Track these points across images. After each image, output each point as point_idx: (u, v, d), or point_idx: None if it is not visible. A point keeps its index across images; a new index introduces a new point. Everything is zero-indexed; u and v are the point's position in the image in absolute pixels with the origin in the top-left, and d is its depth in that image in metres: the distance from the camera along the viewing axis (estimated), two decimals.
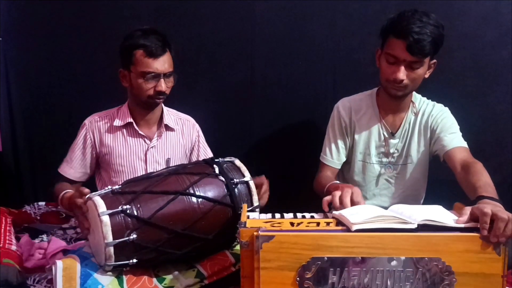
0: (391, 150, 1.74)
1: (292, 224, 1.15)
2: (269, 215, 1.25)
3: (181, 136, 1.82)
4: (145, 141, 1.75)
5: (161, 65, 1.63)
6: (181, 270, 1.31)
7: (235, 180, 1.35)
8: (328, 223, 1.16)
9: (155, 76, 1.63)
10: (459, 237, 1.07)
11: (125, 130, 1.74)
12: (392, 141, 1.74)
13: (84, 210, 1.29)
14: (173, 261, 1.33)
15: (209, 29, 2.13)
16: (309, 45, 2.13)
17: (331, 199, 1.32)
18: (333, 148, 1.77)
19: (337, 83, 2.14)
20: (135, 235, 1.21)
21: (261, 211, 1.33)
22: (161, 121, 1.77)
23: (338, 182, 1.63)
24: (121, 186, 1.30)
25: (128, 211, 1.22)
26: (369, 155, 1.76)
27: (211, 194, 1.32)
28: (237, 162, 1.43)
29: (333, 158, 1.78)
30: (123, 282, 1.23)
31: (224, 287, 1.30)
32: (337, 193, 1.32)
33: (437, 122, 1.69)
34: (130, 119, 1.73)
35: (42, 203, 2.00)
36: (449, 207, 1.23)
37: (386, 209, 1.23)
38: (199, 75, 2.17)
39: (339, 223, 1.16)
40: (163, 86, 1.64)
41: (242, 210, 1.26)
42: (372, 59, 1.70)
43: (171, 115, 1.82)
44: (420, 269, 1.06)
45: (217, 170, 1.37)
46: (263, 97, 2.17)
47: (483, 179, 1.38)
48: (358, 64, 2.10)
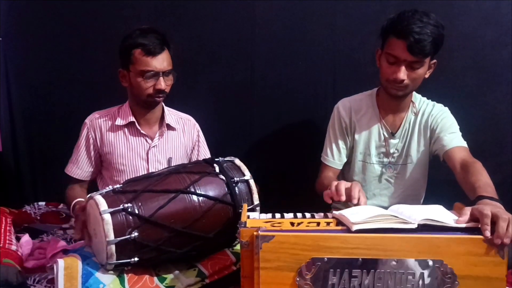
0: (391, 150, 1.74)
1: (292, 224, 1.15)
2: (269, 215, 1.25)
3: (182, 135, 1.82)
4: (146, 141, 1.75)
5: (160, 63, 1.63)
6: (182, 269, 1.31)
7: (236, 179, 1.35)
8: (328, 223, 1.16)
9: (154, 74, 1.63)
10: (462, 239, 1.06)
11: (126, 129, 1.74)
12: (392, 141, 1.74)
13: (81, 219, 1.36)
14: (174, 260, 1.33)
15: (209, 29, 2.13)
16: (309, 45, 2.12)
17: (330, 191, 1.37)
18: (334, 148, 1.77)
19: (337, 83, 2.13)
20: (137, 233, 1.21)
21: (261, 211, 1.33)
22: (163, 121, 1.77)
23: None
24: (122, 185, 1.31)
25: (129, 210, 1.22)
26: (369, 155, 1.76)
27: (211, 192, 1.32)
28: (237, 161, 1.43)
29: (334, 158, 1.78)
30: (124, 281, 1.23)
31: (225, 286, 1.30)
32: (334, 182, 1.39)
33: (437, 122, 1.69)
34: (132, 118, 1.73)
35: (42, 203, 1.99)
36: (449, 207, 1.23)
37: (386, 209, 1.23)
38: (199, 75, 2.16)
39: (339, 223, 1.16)
40: (162, 84, 1.64)
41: (242, 208, 1.27)
42: (372, 59, 1.70)
43: (172, 115, 1.82)
44: (421, 271, 1.05)
45: (218, 169, 1.37)
46: (263, 97, 2.17)
47: (483, 179, 1.37)
48: (358, 64, 2.10)
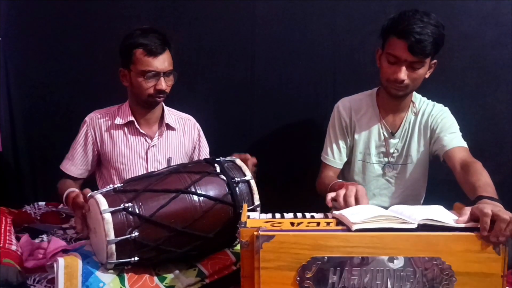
0: (391, 150, 1.74)
1: (292, 224, 1.15)
2: (269, 215, 1.25)
3: (182, 135, 1.82)
4: (146, 140, 1.75)
5: (161, 64, 1.63)
6: (182, 269, 1.31)
7: (236, 179, 1.35)
8: (328, 223, 1.16)
9: (155, 74, 1.63)
10: (459, 236, 1.07)
11: (126, 128, 1.74)
12: (392, 141, 1.74)
13: (86, 209, 1.30)
14: (174, 260, 1.33)
15: (209, 29, 2.13)
16: (309, 45, 2.13)
17: (334, 196, 1.33)
18: (334, 148, 1.77)
19: (337, 83, 2.14)
20: (137, 233, 1.21)
21: (261, 211, 1.33)
22: (162, 120, 1.78)
23: (341, 180, 1.64)
24: (122, 184, 1.31)
25: (129, 209, 1.22)
26: (369, 155, 1.76)
27: (212, 192, 1.32)
28: (238, 161, 1.43)
29: (334, 158, 1.78)
30: (124, 280, 1.23)
31: (225, 286, 1.30)
32: (341, 192, 1.31)
33: (437, 122, 1.69)
34: (131, 117, 1.73)
35: (42, 203, 1.99)
36: (449, 207, 1.23)
37: (386, 209, 1.23)
38: (199, 75, 2.16)
39: (339, 223, 1.16)
40: (163, 84, 1.64)
41: (243, 209, 1.26)
42: (372, 59, 1.70)
43: (172, 115, 1.82)
44: (420, 269, 1.06)
45: (218, 169, 1.37)
46: (263, 97, 2.17)
47: (483, 179, 1.38)
48: (358, 64, 2.10)
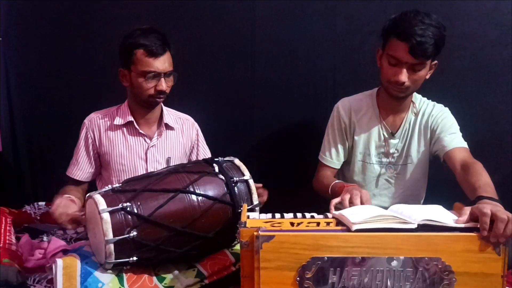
0: (391, 150, 1.74)
1: (292, 224, 1.15)
2: (269, 215, 1.24)
3: (181, 135, 1.82)
4: (145, 140, 1.75)
5: (162, 65, 1.63)
6: (181, 269, 1.31)
7: (235, 178, 1.35)
8: (328, 223, 1.16)
9: (155, 75, 1.63)
10: (459, 237, 1.07)
11: (125, 129, 1.74)
12: (392, 141, 1.73)
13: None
14: (173, 260, 1.33)
15: (209, 29, 2.13)
16: (309, 45, 2.13)
17: (339, 201, 1.35)
18: (332, 148, 1.77)
19: (337, 83, 2.14)
20: (135, 233, 1.21)
21: (261, 211, 1.33)
22: (161, 120, 1.78)
23: (341, 181, 1.65)
24: (121, 184, 1.31)
25: (128, 209, 1.23)
26: (369, 155, 1.75)
27: (211, 192, 1.32)
28: (237, 161, 1.43)
29: (332, 158, 1.78)
30: (123, 280, 1.23)
31: (224, 286, 1.30)
32: (346, 197, 1.34)
33: (437, 122, 1.69)
34: (130, 118, 1.73)
35: (42, 203, 1.99)
36: (449, 207, 1.23)
37: (386, 209, 1.23)
38: (199, 75, 2.16)
39: (339, 223, 1.16)
40: (163, 85, 1.64)
41: (242, 208, 1.27)
42: (372, 59, 1.70)
43: (170, 115, 1.82)
44: (420, 269, 1.06)
45: (217, 169, 1.37)
46: (263, 97, 2.17)
47: (483, 179, 1.38)
48: (358, 64, 2.10)
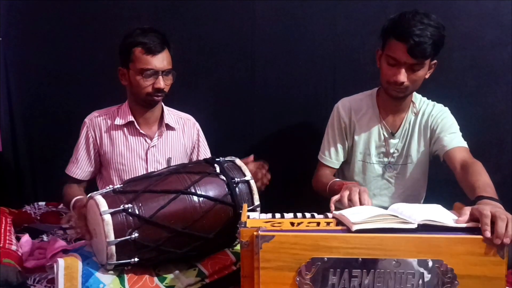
0: (391, 150, 1.74)
1: (292, 224, 1.14)
2: (269, 215, 1.24)
3: (181, 135, 1.82)
4: (145, 140, 1.75)
5: (160, 62, 1.63)
6: (182, 269, 1.31)
7: (236, 179, 1.35)
8: (328, 223, 1.16)
9: (153, 73, 1.63)
10: (462, 239, 1.06)
11: (126, 129, 1.74)
12: (392, 141, 1.74)
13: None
14: (174, 260, 1.33)
15: (209, 29, 2.13)
16: (309, 45, 2.13)
17: (338, 198, 1.35)
18: (331, 148, 1.78)
19: (337, 83, 2.14)
20: (137, 234, 1.21)
21: (261, 211, 1.33)
22: (162, 121, 1.77)
23: (340, 179, 1.65)
24: (122, 185, 1.31)
25: (129, 210, 1.22)
26: (369, 155, 1.75)
27: (212, 193, 1.32)
28: (238, 161, 1.42)
29: (331, 158, 1.78)
30: (124, 281, 1.23)
31: (225, 286, 1.30)
32: (345, 193, 1.34)
33: (437, 122, 1.69)
34: (131, 117, 1.73)
35: (42, 203, 2.00)
36: (449, 207, 1.23)
37: (386, 209, 1.23)
38: (199, 75, 2.16)
39: (339, 223, 1.16)
40: (161, 83, 1.64)
41: (243, 209, 1.26)
42: (372, 59, 1.70)
43: (171, 115, 1.82)
44: (421, 271, 1.05)
45: (218, 169, 1.36)
46: (263, 97, 2.17)
47: (483, 179, 1.37)
48: (358, 64, 2.10)
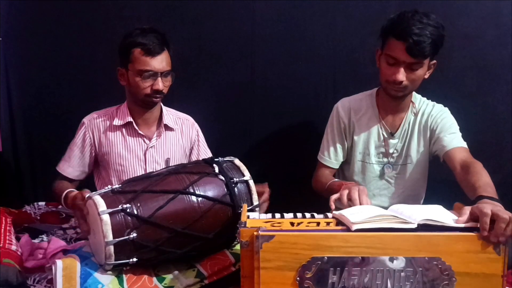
0: (391, 150, 1.74)
1: (292, 224, 1.15)
2: (269, 215, 1.24)
3: (180, 135, 1.82)
4: (144, 141, 1.75)
5: (159, 64, 1.63)
6: (181, 269, 1.31)
7: (235, 179, 1.35)
8: (328, 223, 1.16)
9: (152, 74, 1.62)
10: (459, 237, 1.07)
11: (124, 129, 1.74)
12: (391, 141, 1.73)
13: (84, 212, 1.30)
14: (173, 260, 1.33)
15: (209, 29, 2.13)
16: (309, 45, 2.13)
17: (338, 197, 1.35)
18: (331, 148, 1.78)
19: (337, 83, 2.14)
20: (135, 234, 1.21)
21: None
22: (161, 121, 1.77)
23: (339, 180, 1.66)
24: (121, 185, 1.31)
25: (128, 210, 1.22)
26: (369, 155, 1.75)
27: (211, 193, 1.32)
28: (237, 161, 1.43)
29: (331, 158, 1.78)
30: (123, 281, 1.23)
31: (224, 287, 1.30)
32: (344, 192, 1.35)
33: (437, 122, 1.69)
34: (129, 118, 1.72)
35: (42, 203, 1.99)
36: (449, 207, 1.23)
37: (386, 209, 1.23)
38: (199, 75, 2.16)
39: (339, 223, 1.16)
40: (160, 85, 1.63)
41: (242, 209, 1.26)
42: (372, 59, 1.70)
43: (170, 115, 1.82)
44: (420, 269, 1.06)
45: (217, 169, 1.37)
46: (263, 97, 2.17)
47: (483, 179, 1.37)
48: (358, 64, 2.10)
